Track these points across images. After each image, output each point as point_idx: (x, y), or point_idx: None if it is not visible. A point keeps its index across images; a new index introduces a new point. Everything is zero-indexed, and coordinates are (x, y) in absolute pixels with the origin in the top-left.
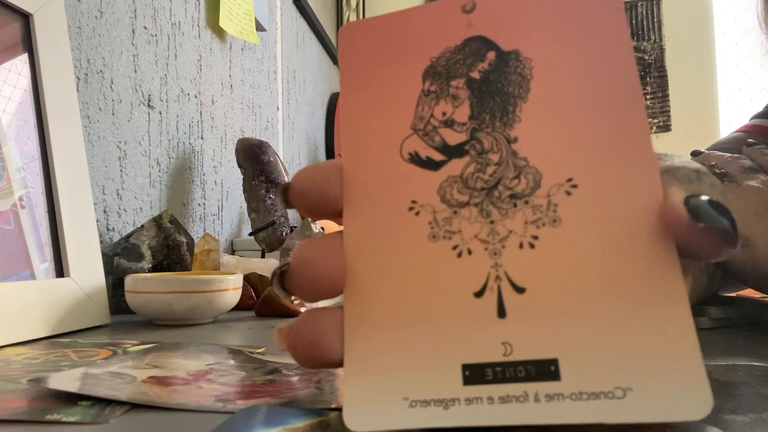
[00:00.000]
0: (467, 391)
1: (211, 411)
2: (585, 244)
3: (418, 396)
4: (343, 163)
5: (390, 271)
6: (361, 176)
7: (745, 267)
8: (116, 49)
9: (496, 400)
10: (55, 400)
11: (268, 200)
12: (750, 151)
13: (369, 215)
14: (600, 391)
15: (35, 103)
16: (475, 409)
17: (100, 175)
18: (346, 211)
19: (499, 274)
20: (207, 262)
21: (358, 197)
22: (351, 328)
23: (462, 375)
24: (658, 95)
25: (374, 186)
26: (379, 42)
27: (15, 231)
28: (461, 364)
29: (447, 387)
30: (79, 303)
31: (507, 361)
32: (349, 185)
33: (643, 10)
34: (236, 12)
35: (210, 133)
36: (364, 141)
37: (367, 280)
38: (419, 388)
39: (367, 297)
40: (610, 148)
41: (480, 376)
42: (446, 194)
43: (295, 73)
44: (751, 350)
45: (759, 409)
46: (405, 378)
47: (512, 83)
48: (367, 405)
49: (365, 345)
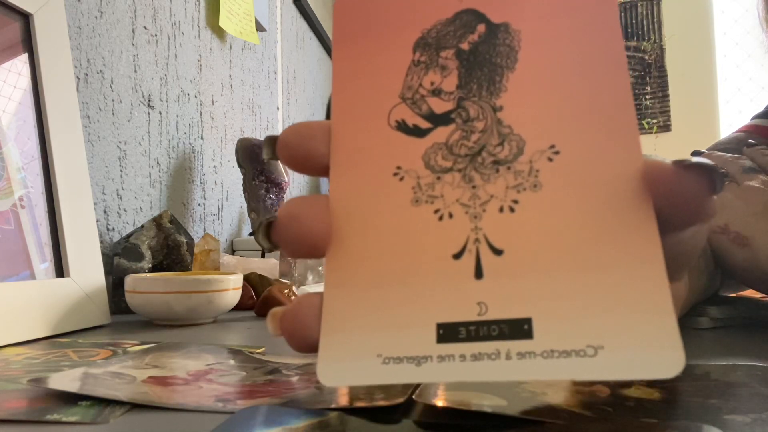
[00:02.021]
0: (440, 349)
1: (211, 411)
2: (563, 207)
3: (392, 353)
4: (332, 126)
5: (372, 233)
6: (349, 140)
7: (746, 267)
8: (116, 49)
9: (468, 357)
10: (55, 400)
11: (268, 200)
12: (750, 152)
13: (354, 179)
14: (572, 350)
15: (35, 103)
16: (447, 366)
17: (100, 175)
18: (332, 174)
19: (479, 237)
20: (207, 262)
21: (345, 161)
22: (330, 287)
23: (436, 333)
24: (658, 95)
25: (361, 151)
26: (372, 13)
27: (15, 231)
28: (436, 323)
29: (420, 345)
30: (79, 303)
31: (481, 320)
32: (337, 148)
33: (643, 10)
34: (236, 12)
35: (210, 133)
36: (353, 108)
37: (349, 241)
38: (393, 346)
39: (349, 257)
40: (593, 116)
41: (454, 334)
42: (430, 160)
43: (295, 73)
44: (751, 350)
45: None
46: (380, 336)
47: (500, 54)
48: (340, 361)
49: (343, 303)
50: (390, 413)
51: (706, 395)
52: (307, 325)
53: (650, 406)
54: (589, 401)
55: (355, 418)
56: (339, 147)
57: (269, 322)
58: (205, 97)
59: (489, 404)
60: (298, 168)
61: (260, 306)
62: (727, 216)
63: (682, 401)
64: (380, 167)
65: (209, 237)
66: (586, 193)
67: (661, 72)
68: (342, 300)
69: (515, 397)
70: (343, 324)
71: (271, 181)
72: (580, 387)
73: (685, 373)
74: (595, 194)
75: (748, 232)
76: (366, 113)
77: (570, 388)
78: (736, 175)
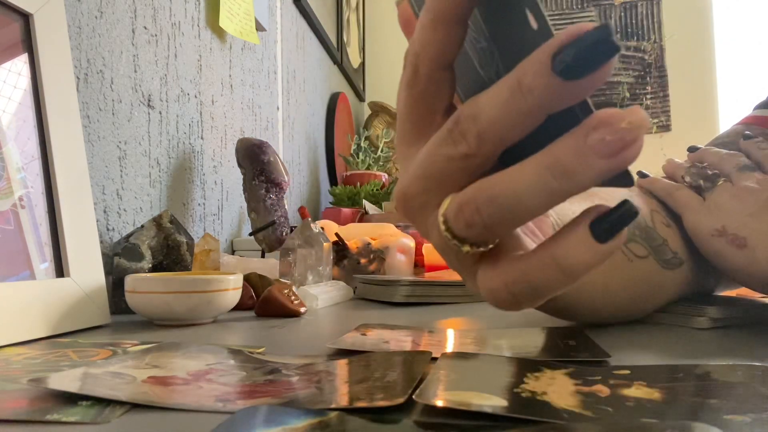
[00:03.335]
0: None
1: (211, 411)
2: None
3: None
4: None
5: None
6: None
7: (743, 268)
8: (116, 49)
9: None
10: (55, 400)
11: (268, 200)
12: (747, 145)
13: None
14: None
15: (35, 103)
16: None
17: (100, 175)
18: None
19: None
20: (207, 262)
21: None
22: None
23: None
24: (658, 95)
25: None
26: None
27: (15, 231)
28: None
29: None
30: (79, 303)
31: None
32: None
33: (643, 10)
34: (236, 12)
35: (210, 133)
36: None
37: None
38: None
39: None
40: None
41: None
42: None
43: (295, 73)
44: (751, 350)
45: (759, 409)
46: None
47: None
48: None
49: None
50: (390, 413)
51: (706, 395)
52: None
53: (650, 406)
54: (589, 401)
55: (355, 418)
56: None
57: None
58: (205, 97)
59: (489, 404)
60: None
61: (260, 306)
62: (724, 218)
63: (682, 401)
64: None
65: (209, 237)
66: None
67: (661, 72)
68: None
69: (515, 398)
70: None
71: (271, 181)
72: (580, 387)
73: (685, 373)
74: None
75: (745, 233)
76: None
77: (570, 388)
78: (731, 173)
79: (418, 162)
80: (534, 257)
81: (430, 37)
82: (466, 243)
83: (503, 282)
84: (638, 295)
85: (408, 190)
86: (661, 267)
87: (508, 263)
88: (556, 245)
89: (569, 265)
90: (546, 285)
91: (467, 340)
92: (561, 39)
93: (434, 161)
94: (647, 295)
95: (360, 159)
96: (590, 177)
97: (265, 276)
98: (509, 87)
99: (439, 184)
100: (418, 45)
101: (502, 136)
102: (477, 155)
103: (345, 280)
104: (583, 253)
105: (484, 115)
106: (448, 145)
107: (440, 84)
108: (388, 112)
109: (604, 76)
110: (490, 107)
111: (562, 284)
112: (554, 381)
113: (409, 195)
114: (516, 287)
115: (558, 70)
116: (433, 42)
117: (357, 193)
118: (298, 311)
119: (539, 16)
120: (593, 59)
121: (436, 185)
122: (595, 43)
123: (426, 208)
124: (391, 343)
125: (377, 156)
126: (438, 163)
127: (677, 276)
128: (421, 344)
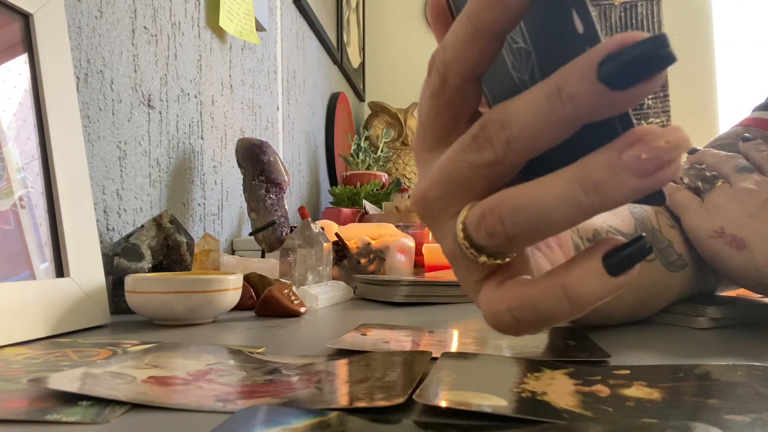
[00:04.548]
0: None
1: (211, 411)
2: None
3: None
4: None
5: None
6: None
7: (743, 269)
8: (116, 49)
9: None
10: (55, 400)
11: (268, 200)
12: (746, 147)
13: None
14: None
15: (35, 103)
16: None
17: (100, 175)
18: None
19: None
20: (207, 262)
21: None
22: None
23: None
24: (658, 95)
25: None
26: None
27: (15, 231)
28: None
29: None
30: (79, 303)
31: None
32: None
33: (643, 10)
34: (236, 12)
35: (210, 133)
36: None
37: None
38: None
39: None
40: None
41: None
42: None
43: (295, 73)
44: (751, 350)
45: (759, 409)
46: None
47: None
48: None
49: None
50: (390, 413)
51: (706, 395)
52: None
53: (650, 406)
54: (589, 401)
55: (355, 418)
56: None
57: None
58: (205, 97)
59: (489, 404)
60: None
61: (260, 306)
62: (723, 219)
63: (682, 401)
64: None
65: (209, 237)
66: None
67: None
68: None
69: (515, 398)
70: None
71: (271, 181)
72: (580, 387)
73: (685, 373)
74: None
75: (745, 234)
76: None
77: (570, 388)
78: (729, 175)
79: (440, 166)
80: (542, 283)
81: (467, 49)
82: (484, 253)
83: (507, 305)
84: (644, 297)
85: (427, 193)
86: (666, 269)
87: (514, 286)
88: (567, 274)
89: (578, 295)
90: (551, 313)
91: (467, 340)
92: (609, 46)
93: (456, 167)
94: (653, 297)
95: (360, 159)
96: (622, 195)
97: (265, 276)
98: (546, 93)
99: (460, 190)
100: (450, 55)
101: (533, 144)
102: (503, 163)
103: (345, 280)
104: (594, 284)
105: (515, 122)
106: (473, 151)
107: (467, 94)
108: (388, 112)
109: (653, 87)
110: (522, 114)
111: (567, 314)
112: (554, 381)
113: (429, 199)
114: (520, 312)
115: (604, 78)
116: (468, 55)
117: (357, 193)
118: (298, 311)
119: (587, 20)
120: (645, 69)
121: (456, 191)
122: (650, 53)
123: (444, 214)
124: (391, 343)
125: (377, 156)
126: (460, 169)
127: (681, 277)
128: (421, 344)
